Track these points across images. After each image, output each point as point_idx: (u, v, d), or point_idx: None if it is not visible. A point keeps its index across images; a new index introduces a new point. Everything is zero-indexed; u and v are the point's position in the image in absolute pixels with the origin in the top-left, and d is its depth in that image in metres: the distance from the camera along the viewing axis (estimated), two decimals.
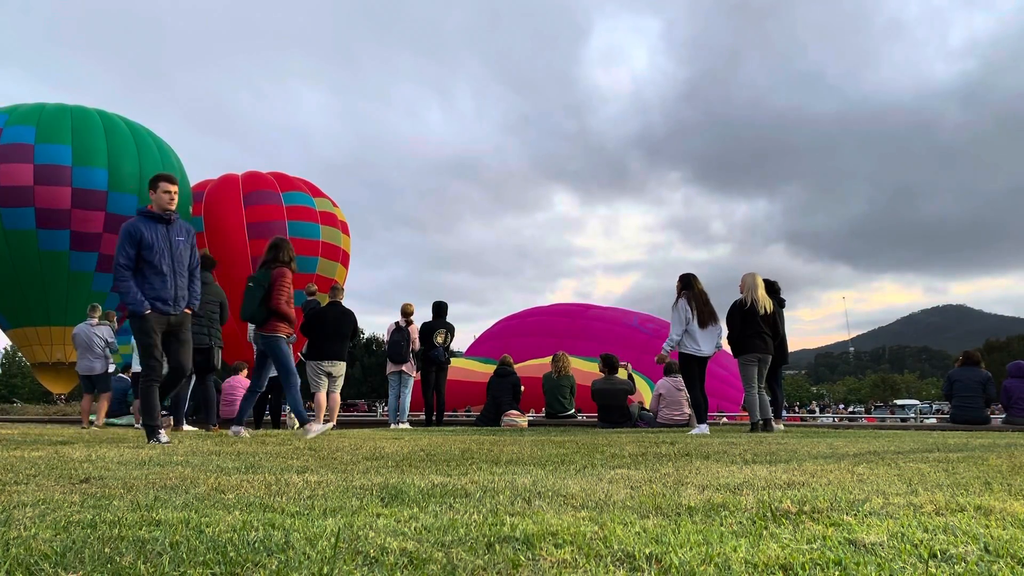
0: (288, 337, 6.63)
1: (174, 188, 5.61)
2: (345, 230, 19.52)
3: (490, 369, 12.17)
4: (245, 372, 11.74)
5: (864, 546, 1.61)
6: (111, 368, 10.55)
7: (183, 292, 5.62)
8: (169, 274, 5.50)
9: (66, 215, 14.80)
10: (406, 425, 9.91)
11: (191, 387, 8.79)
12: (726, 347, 8.70)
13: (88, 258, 15.29)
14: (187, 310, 5.67)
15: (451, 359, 11.14)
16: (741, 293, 8.15)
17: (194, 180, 18.45)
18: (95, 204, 14.98)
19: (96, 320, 10.32)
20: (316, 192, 19.15)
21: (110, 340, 10.35)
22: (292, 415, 9.26)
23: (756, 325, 7.88)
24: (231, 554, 1.51)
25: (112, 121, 16.00)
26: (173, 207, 5.57)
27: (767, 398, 8.02)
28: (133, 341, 10.78)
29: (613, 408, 9.91)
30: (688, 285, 7.99)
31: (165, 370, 5.73)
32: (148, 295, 5.41)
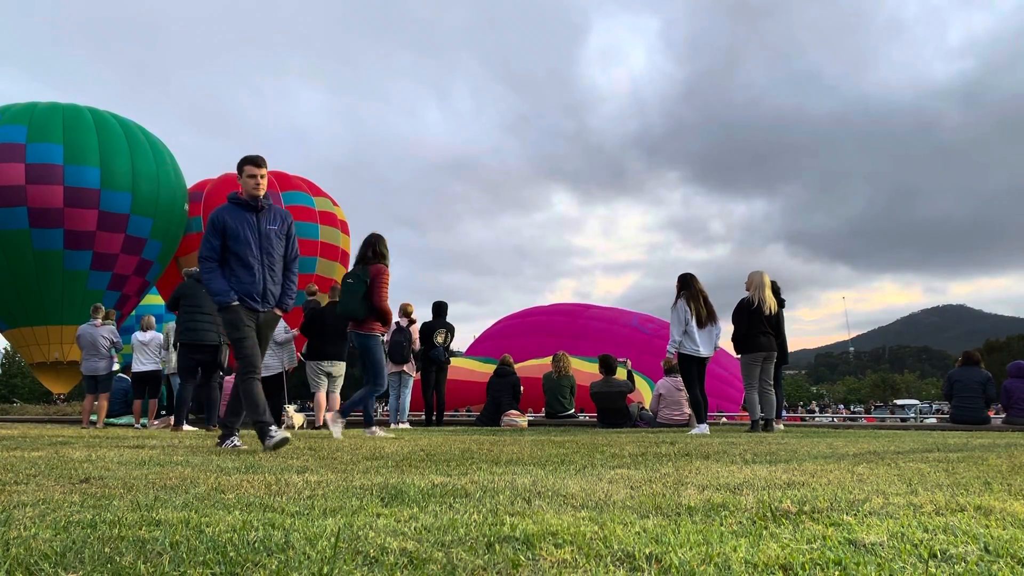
0: (381, 336, 6.47)
1: (260, 172, 5.00)
2: (345, 229, 19.52)
3: (490, 369, 12.17)
4: None
5: (864, 546, 1.61)
6: (115, 367, 10.57)
7: (273, 287, 5.05)
8: (257, 267, 4.94)
9: (59, 214, 14.80)
10: (406, 425, 9.91)
11: (193, 387, 8.77)
12: (725, 346, 8.68)
13: (82, 257, 15.28)
14: (276, 310, 5.12)
15: (451, 359, 11.14)
16: (747, 291, 8.13)
17: (193, 180, 18.45)
18: (88, 202, 14.97)
19: (100, 321, 10.33)
20: (316, 191, 19.15)
21: (115, 340, 10.37)
22: (291, 413, 9.23)
23: (762, 324, 7.88)
24: (231, 554, 1.51)
25: (104, 119, 15.97)
26: (260, 192, 5.00)
27: (773, 397, 8.01)
28: (133, 340, 10.75)
29: (612, 410, 9.91)
30: (686, 285, 7.98)
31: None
32: (234, 288, 4.91)
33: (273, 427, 4.73)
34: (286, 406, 9.67)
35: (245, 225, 4.95)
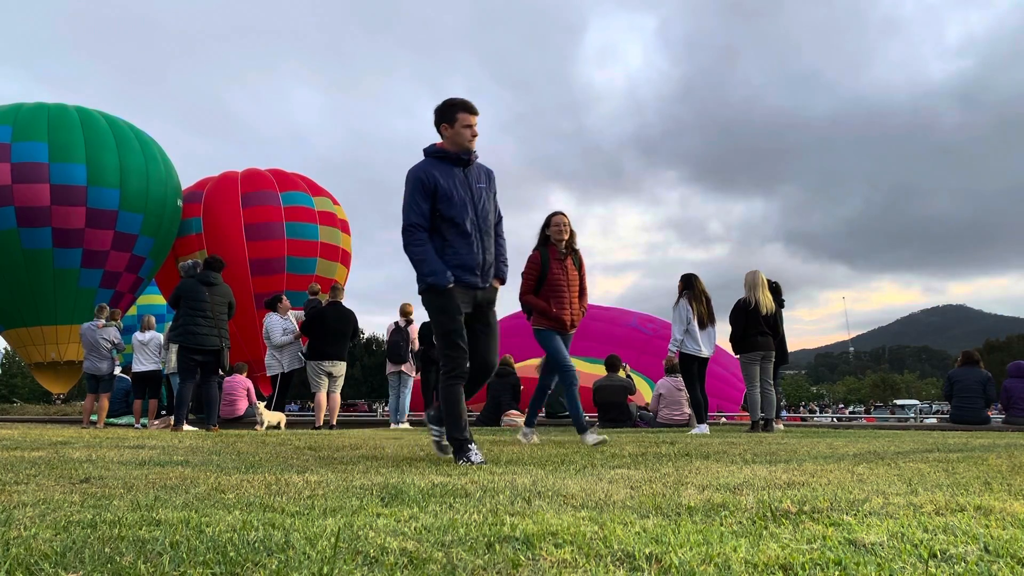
0: (555, 330, 5.76)
1: (475, 120, 4.07)
2: (345, 228, 19.45)
3: None
4: (246, 372, 11.75)
5: (864, 546, 1.61)
6: (117, 370, 10.57)
7: (491, 257, 4.17)
8: (474, 233, 4.04)
9: (46, 212, 14.77)
10: (406, 425, 9.92)
11: (192, 387, 8.77)
12: (724, 345, 8.71)
13: (72, 255, 15.24)
14: (496, 282, 4.24)
15: None
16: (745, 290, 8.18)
17: (188, 180, 18.43)
18: (75, 200, 14.94)
19: (103, 322, 10.33)
20: (316, 190, 19.11)
21: (116, 341, 10.36)
22: (262, 410, 9.19)
23: (759, 324, 7.93)
24: (231, 554, 1.51)
25: (90, 116, 15.92)
26: (474, 147, 4.10)
27: (773, 396, 8.04)
28: (133, 340, 10.73)
29: (612, 406, 9.96)
30: (689, 285, 8.01)
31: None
32: (450, 262, 3.98)
33: (473, 445, 3.91)
34: (256, 403, 9.67)
35: (456, 183, 4.04)
